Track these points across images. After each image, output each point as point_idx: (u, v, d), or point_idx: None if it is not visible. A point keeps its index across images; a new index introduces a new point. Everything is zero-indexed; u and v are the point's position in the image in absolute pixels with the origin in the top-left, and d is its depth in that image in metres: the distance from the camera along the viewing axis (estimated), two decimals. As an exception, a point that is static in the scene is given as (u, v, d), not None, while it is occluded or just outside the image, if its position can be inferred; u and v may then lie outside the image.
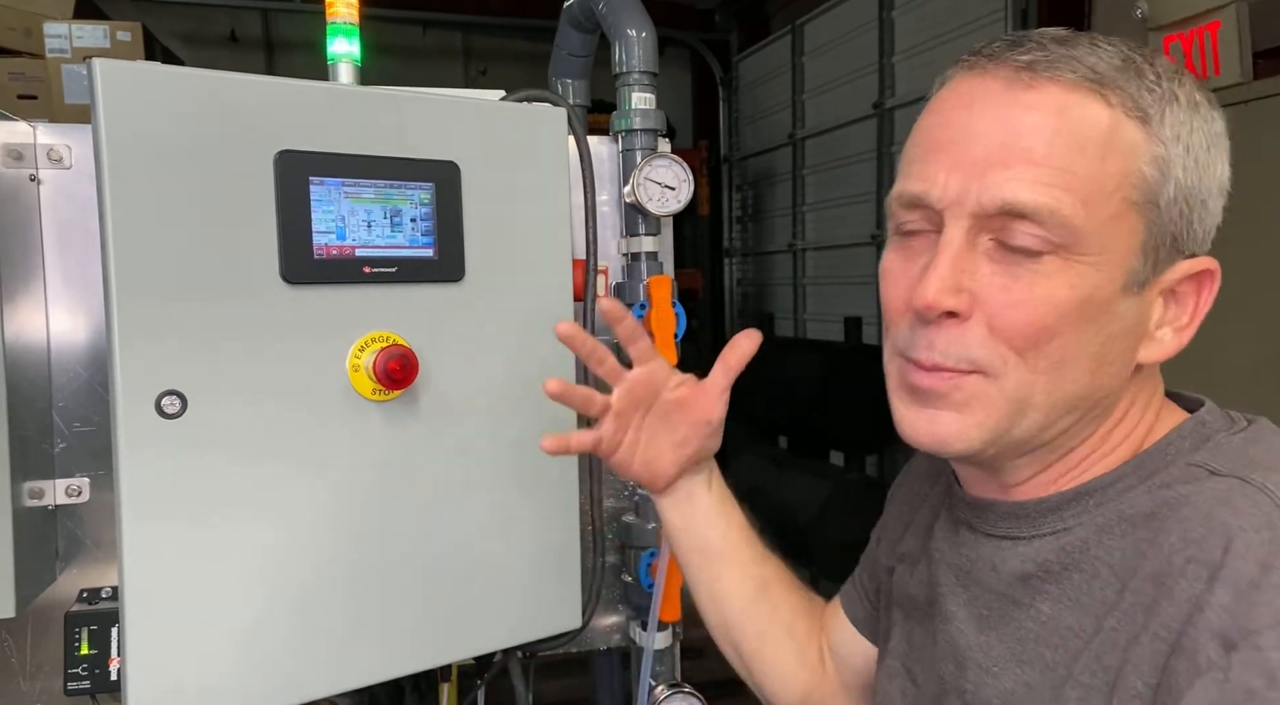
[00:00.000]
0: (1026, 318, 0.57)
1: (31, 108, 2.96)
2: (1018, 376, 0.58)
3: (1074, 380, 0.59)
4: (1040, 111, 0.57)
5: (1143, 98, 0.57)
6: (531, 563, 1.00)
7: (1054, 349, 0.57)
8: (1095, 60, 0.57)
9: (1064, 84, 0.57)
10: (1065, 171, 0.56)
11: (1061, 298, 0.56)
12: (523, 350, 0.98)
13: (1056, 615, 0.59)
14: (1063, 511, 0.62)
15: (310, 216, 0.84)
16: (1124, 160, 0.56)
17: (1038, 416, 0.59)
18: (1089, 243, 0.56)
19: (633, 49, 1.11)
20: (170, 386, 0.78)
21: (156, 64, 0.80)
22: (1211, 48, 2.23)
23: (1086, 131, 0.56)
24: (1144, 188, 0.56)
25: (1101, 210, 0.56)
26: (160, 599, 0.79)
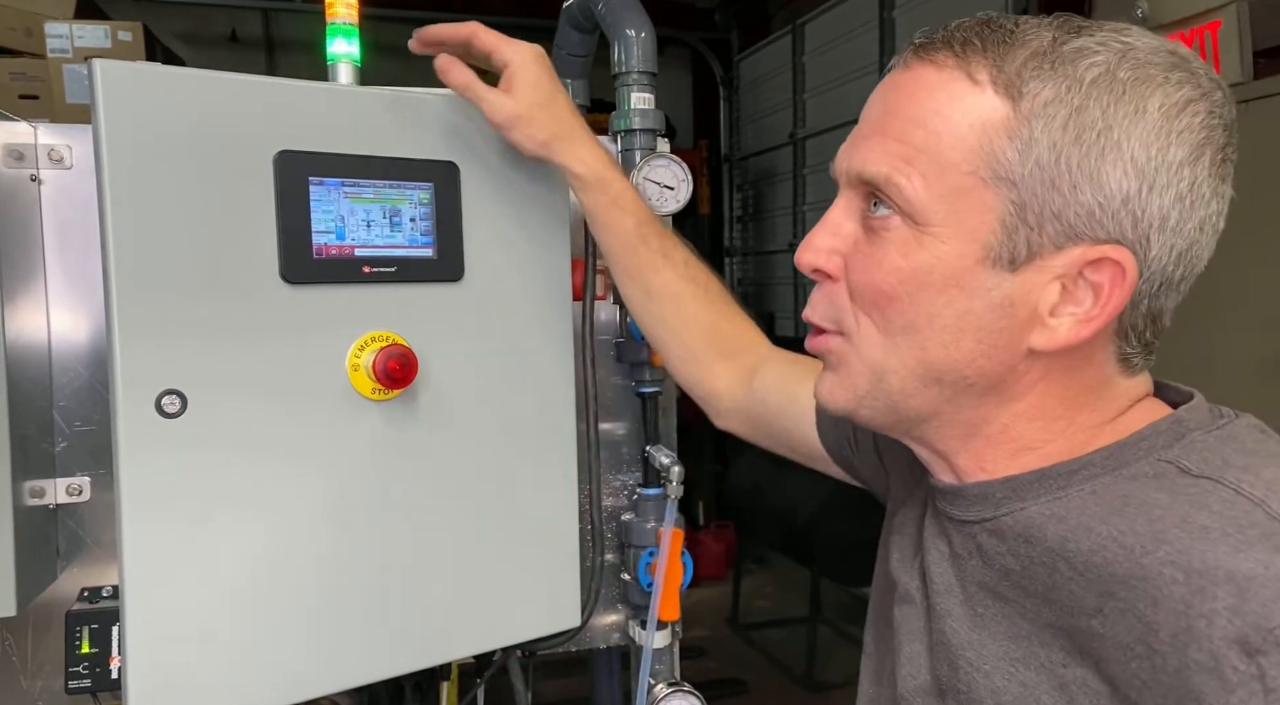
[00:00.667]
0: (868, 279, 0.61)
1: (32, 108, 2.97)
2: (869, 339, 0.62)
3: (926, 348, 0.60)
4: (904, 91, 0.60)
5: (1024, 75, 0.56)
6: (531, 561, 1.00)
7: (896, 313, 0.60)
8: (989, 39, 0.58)
9: (934, 63, 0.59)
10: (908, 144, 0.59)
11: (897, 264, 0.59)
12: (521, 349, 0.98)
13: (1038, 611, 0.59)
14: (1025, 492, 0.62)
15: (310, 216, 0.84)
16: (976, 136, 0.57)
17: (895, 382, 0.62)
18: (930, 214, 0.58)
19: (632, 49, 1.11)
20: (170, 386, 0.79)
21: (157, 65, 0.80)
22: (1212, 47, 2.23)
23: (936, 107, 0.58)
24: (996, 165, 0.56)
25: (943, 183, 0.58)
26: (161, 597, 0.80)
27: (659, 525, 1.15)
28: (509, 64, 0.92)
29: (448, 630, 0.95)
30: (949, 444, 0.66)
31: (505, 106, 0.90)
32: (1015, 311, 0.58)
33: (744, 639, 4.07)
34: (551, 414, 1.01)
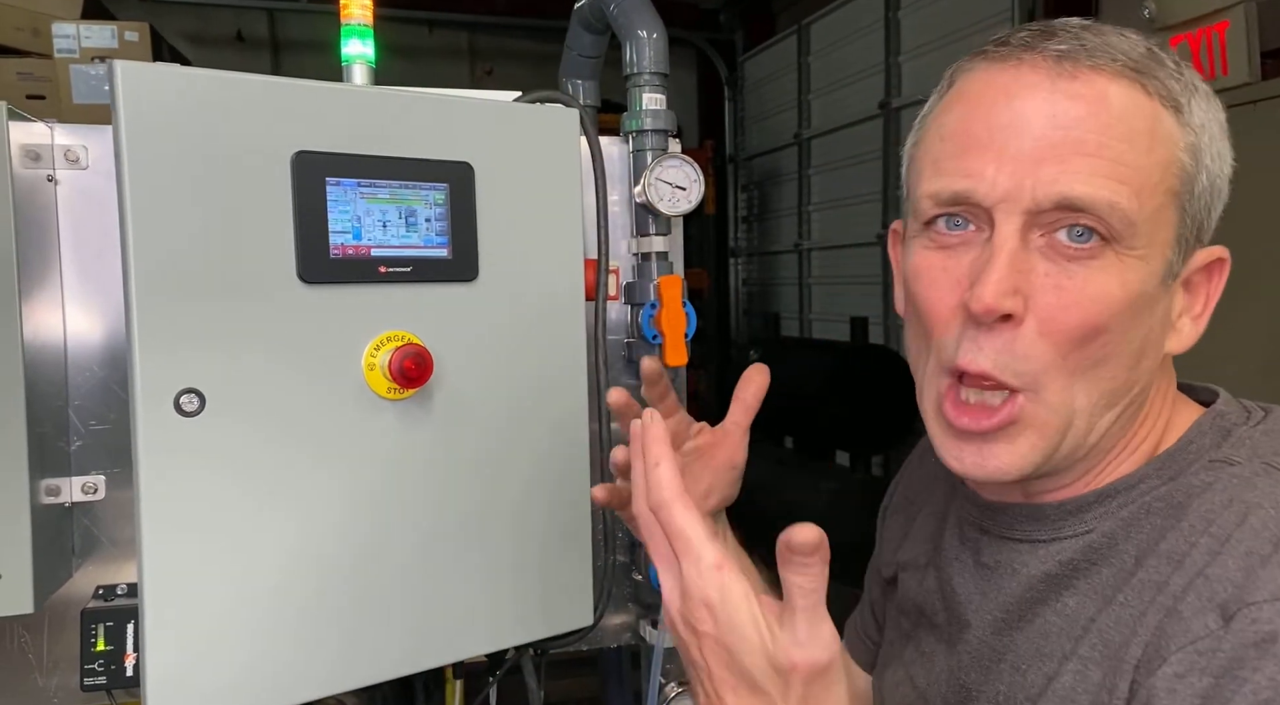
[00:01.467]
0: (1079, 318, 0.55)
1: (40, 107, 2.97)
2: (1059, 383, 0.56)
3: (1112, 377, 0.57)
4: (1087, 102, 0.55)
5: (1171, 86, 0.56)
6: (544, 560, 1.01)
7: (1099, 347, 0.56)
8: (1129, 49, 0.56)
9: (1107, 74, 0.55)
10: (1118, 163, 0.54)
11: (1116, 295, 0.55)
12: (535, 349, 0.99)
13: (1079, 608, 0.59)
14: (1084, 513, 0.61)
15: (326, 217, 0.85)
16: (1166, 150, 0.56)
17: (1082, 422, 0.58)
18: (1139, 235, 0.55)
19: (644, 50, 1.12)
20: (188, 385, 0.79)
21: (176, 66, 0.80)
22: (1219, 48, 2.23)
23: (1133, 122, 0.55)
24: (1183, 177, 0.56)
25: (1150, 201, 0.55)
26: (178, 595, 0.80)
27: (670, 525, 1.15)
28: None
29: (461, 629, 0.96)
30: (1074, 472, 0.62)
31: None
32: (1167, 321, 0.60)
33: (748, 639, 4.07)
34: (564, 413, 1.01)
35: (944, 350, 0.59)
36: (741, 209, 5.79)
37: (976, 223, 0.58)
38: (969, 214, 0.59)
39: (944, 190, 0.59)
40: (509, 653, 1.12)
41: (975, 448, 0.59)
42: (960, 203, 0.58)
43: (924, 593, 0.72)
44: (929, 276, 0.60)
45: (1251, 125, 2.04)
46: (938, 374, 0.61)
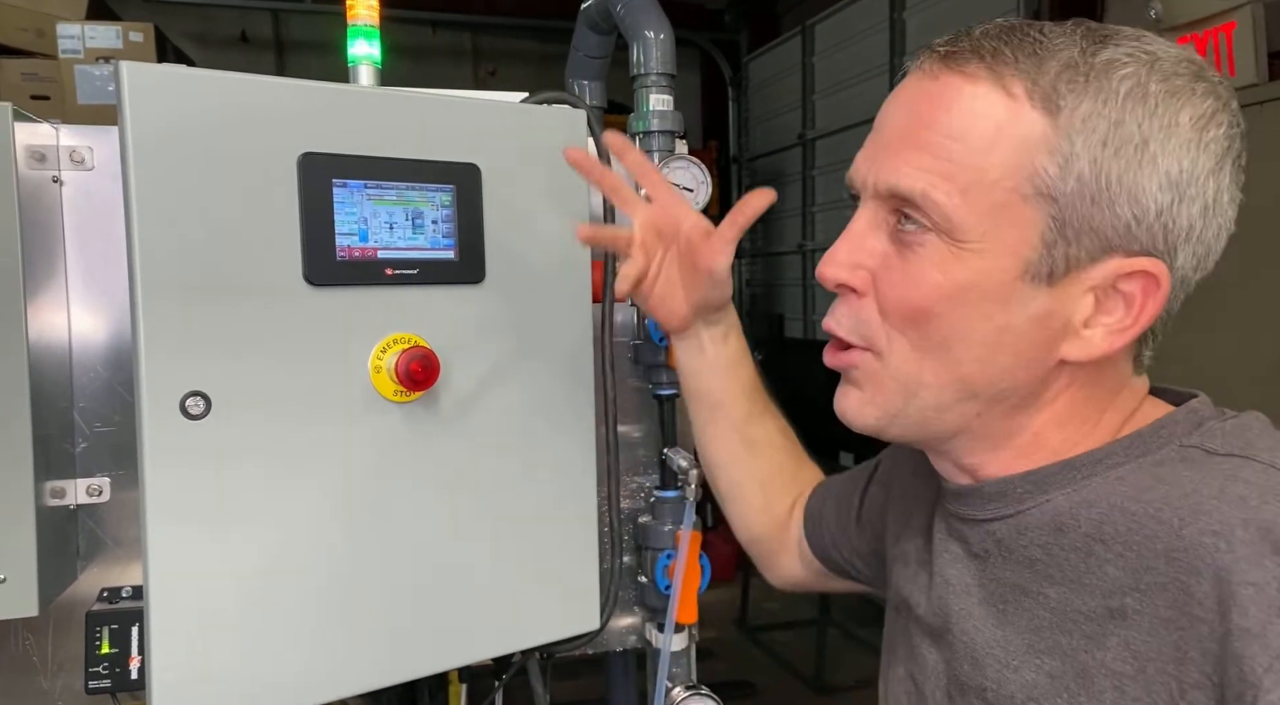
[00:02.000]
0: (903, 296, 0.60)
1: (44, 108, 2.98)
2: (901, 355, 0.61)
3: (963, 364, 0.59)
4: (935, 101, 0.59)
5: (1059, 88, 0.55)
6: (550, 563, 1.00)
7: (934, 330, 0.59)
8: (1019, 49, 0.57)
9: (966, 75, 0.58)
10: (945, 160, 0.57)
11: (936, 280, 0.58)
12: (542, 351, 0.98)
13: (1064, 599, 0.59)
14: (1047, 483, 0.62)
15: (333, 218, 0.84)
16: (1011, 151, 0.56)
17: (929, 398, 0.61)
18: (969, 230, 0.57)
19: (651, 50, 1.11)
20: (194, 387, 0.79)
21: (182, 67, 0.80)
22: (1227, 48, 2.23)
23: (974, 121, 0.57)
24: (1035, 180, 0.56)
25: (983, 199, 0.57)
26: (184, 598, 0.80)
27: (676, 527, 1.15)
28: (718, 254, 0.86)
29: (468, 632, 0.95)
30: (977, 456, 0.65)
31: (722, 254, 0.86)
32: (1050, 323, 0.58)
33: (753, 641, 4.07)
34: (570, 416, 1.01)
35: None
36: (745, 210, 5.78)
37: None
38: (857, 201, 0.65)
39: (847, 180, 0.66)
40: (515, 656, 1.12)
41: (842, 390, 0.67)
42: (849, 190, 0.66)
43: (918, 591, 0.73)
44: None
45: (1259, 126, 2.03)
46: None
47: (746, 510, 1.01)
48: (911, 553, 0.75)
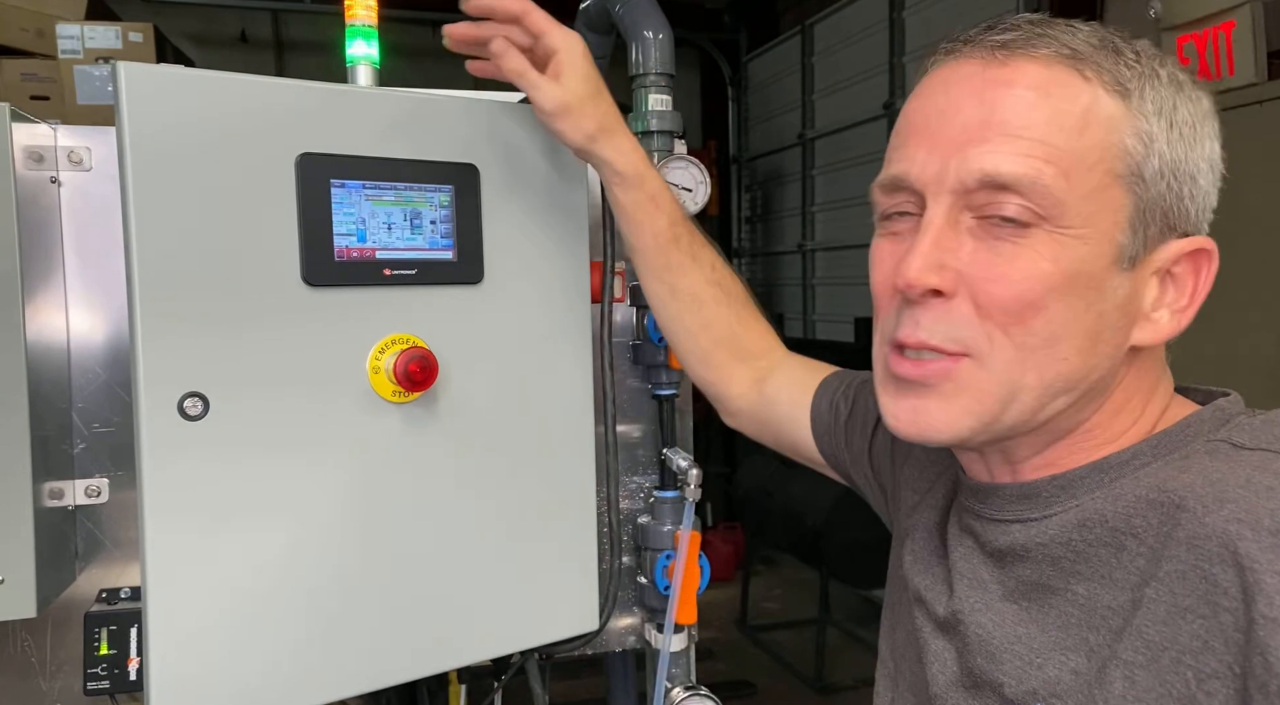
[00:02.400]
0: (1011, 293, 0.57)
1: (43, 108, 2.97)
2: (1005, 357, 0.58)
3: (1065, 358, 0.58)
4: (1015, 87, 0.57)
5: (1121, 73, 0.57)
6: (549, 564, 1.00)
7: (1041, 325, 0.57)
8: (1070, 38, 0.58)
9: (1039, 60, 0.58)
10: (1043, 143, 0.56)
11: (1046, 270, 0.56)
12: (540, 351, 0.98)
13: (1093, 595, 0.58)
14: (1075, 488, 0.61)
15: (331, 219, 0.84)
16: (1104, 133, 0.56)
17: (1029, 400, 0.59)
18: (1072, 214, 0.56)
19: (650, 50, 1.11)
20: (192, 388, 0.79)
21: (179, 67, 0.80)
22: (1226, 48, 2.22)
23: (1063, 105, 0.57)
24: (1127, 160, 0.57)
25: (1084, 182, 0.56)
26: (182, 599, 0.80)
27: (676, 528, 1.15)
28: (559, 52, 0.88)
29: (467, 633, 0.95)
30: (1029, 448, 0.63)
31: (556, 95, 0.87)
32: (1130, 309, 0.59)
33: (753, 641, 4.07)
34: (569, 416, 1.01)
35: (886, 327, 0.63)
36: (745, 210, 5.79)
37: (916, 208, 0.61)
38: (909, 201, 0.62)
39: (885, 176, 0.63)
40: (514, 657, 1.12)
41: (911, 404, 0.62)
42: (898, 188, 0.62)
43: (929, 582, 0.71)
44: (877, 262, 0.65)
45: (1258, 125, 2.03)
46: (882, 346, 0.65)
47: (683, 353, 1.01)
48: (922, 540, 0.74)
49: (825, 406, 0.91)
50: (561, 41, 0.88)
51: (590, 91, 0.89)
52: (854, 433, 0.88)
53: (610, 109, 0.91)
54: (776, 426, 0.97)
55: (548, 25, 0.88)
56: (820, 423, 0.91)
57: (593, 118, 0.89)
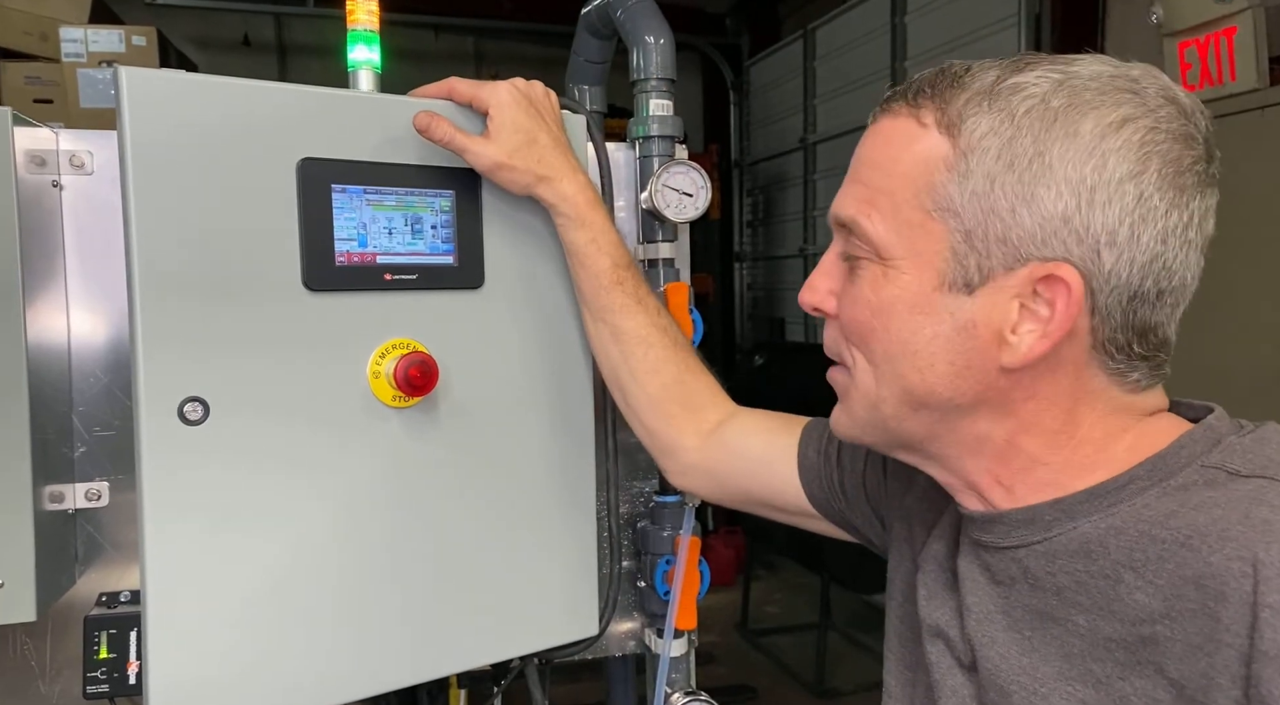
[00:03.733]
0: (850, 315, 0.67)
1: (47, 111, 2.98)
2: (862, 370, 0.67)
3: (906, 375, 0.64)
4: (868, 141, 0.67)
5: (964, 113, 0.60)
6: (549, 569, 1.00)
7: (876, 344, 0.65)
8: (943, 84, 0.62)
9: (891, 114, 0.65)
10: (869, 187, 0.64)
11: (869, 297, 0.64)
12: (541, 357, 0.98)
13: (1094, 626, 0.59)
14: (1076, 512, 0.62)
15: (332, 224, 0.84)
16: (920, 172, 0.62)
17: (888, 409, 0.66)
18: (893, 249, 0.63)
19: (651, 55, 1.11)
20: (193, 393, 0.79)
21: (181, 72, 0.80)
22: (1228, 53, 2.22)
23: (888, 149, 0.64)
24: (936, 195, 0.61)
25: (900, 218, 0.63)
26: (182, 603, 0.80)
27: (676, 533, 1.15)
28: (488, 110, 0.92)
29: (467, 638, 0.95)
30: (961, 463, 0.67)
31: (486, 154, 0.90)
32: (979, 332, 0.61)
33: (753, 645, 4.06)
34: (570, 420, 1.01)
35: None
36: (746, 214, 5.78)
37: None
38: None
39: None
40: (514, 662, 1.12)
41: (835, 407, 0.73)
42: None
43: (944, 616, 0.72)
44: None
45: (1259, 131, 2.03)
46: None
47: (630, 402, 0.99)
48: (933, 573, 0.75)
49: (813, 453, 0.91)
50: (490, 99, 0.92)
51: (520, 143, 0.91)
52: (845, 474, 0.89)
53: (549, 154, 0.93)
54: (744, 480, 0.96)
55: (473, 91, 0.93)
56: (809, 470, 0.91)
57: (526, 170, 0.92)
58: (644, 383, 0.97)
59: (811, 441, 0.92)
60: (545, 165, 0.92)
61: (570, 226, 0.94)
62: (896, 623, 0.79)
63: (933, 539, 0.76)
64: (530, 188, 0.92)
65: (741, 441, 0.95)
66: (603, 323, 0.96)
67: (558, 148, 0.94)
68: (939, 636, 0.72)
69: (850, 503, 0.89)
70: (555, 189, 0.92)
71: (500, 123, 0.91)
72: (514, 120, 0.91)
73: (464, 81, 0.93)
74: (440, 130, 0.89)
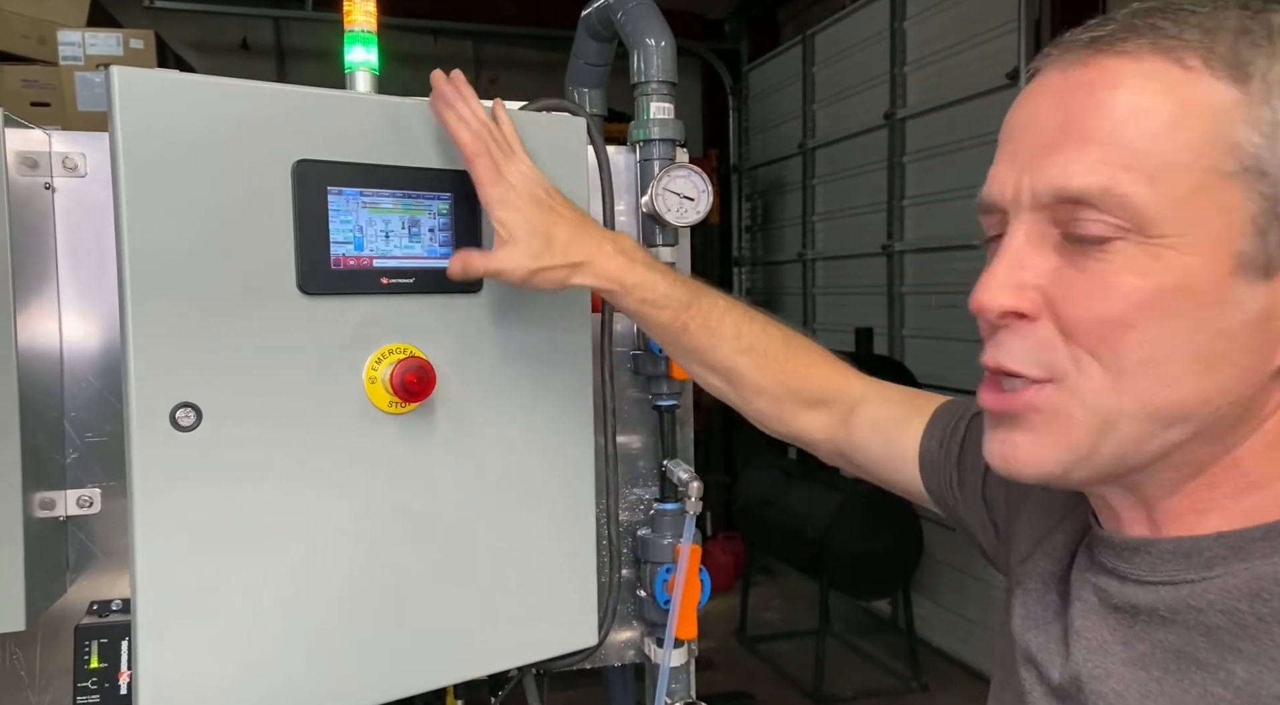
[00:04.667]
0: (1094, 313, 0.52)
1: (45, 115, 2.97)
2: (1096, 382, 0.52)
3: (1172, 384, 0.51)
4: (1094, 88, 0.52)
5: (1241, 54, 0.50)
6: (548, 578, 0.99)
7: (1133, 347, 0.51)
8: (1180, 23, 0.51)
9: (1126, 54, 0.52)
10: (1122, 147, 0.51)
11: (1131, 287, 0.50)
12: (540, 362, 0.97)
13: (1256, 679, 0.50)
14: (1249, 551, 0.52)
15: (328, 226, 0.83)
16: (1205, 126, 0.50)
17: (1131, 429, 0.52)
18: (1164, 222, 0.50)
19: (651, 58, 1.10)
20: (184, 399, 0.77)
21: (174, 72, 0.79)
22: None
23: (1148, 101, 0.51)
24: (1239, 154, 0.49)
25: (1177, 185, 0.50)
26: (172, 615, 0.78)
27: (676, 541, 1.14)
28: (496, 219, 0.86)
29: (463, 648, 0.94)
30: (1162, 488, 0.56)
31: (518, 268, 0.85)
32: (1271, 325, 0.51)
33: (752, 651, 4.05)
34: (569, 427, 1.00)
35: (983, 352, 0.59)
36: (746, 219, 5.78)
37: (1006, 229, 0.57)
38: (1001, 223, 0.57)
39: (979, 199, 0.59)
40: (511, 672, 1.10)
41: (1000, 437, 0.57)
42: (989, 211, 0.58)
43: (1044, 643, 0.63)
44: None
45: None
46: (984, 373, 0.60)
47: (755, 419, 0.97)
48: (1036, 593, 0.65)
49: (935, 446, 0.84)
50: (494, 205, 0.86)
51: (540, 245, 0.86)
52: (966, 471, 0.81)
53: (571, 241, 0.88)
54: (874, 467, 0.91)
55: (481, 180, 0.87)
56: (930, 463, 0.84)
57: (559, 269, 0.87)
58: (752, 401, 0.95)
59: (935, 433, 0.84)
60: (573, 251, 0.88)
61: (618, 298, 0.90)
62: (998, 642, 0.71)
63: (1040, 554, 0.67)
64: (566, 281, 0.88)
65: (866, 433, 0.90)
66: (691, 362, 0.95)
67: (579, 228, 0.89)
68: (1031, 662, 0.63)
69: (967, 504, 0.81)
70: (592, 272, 0.88)
71: (515, 230, 0.86)
72: (528, 221, 0.86)
73: (481, 158, 0.87)
74: (474, 264, 0.87)
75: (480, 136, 0.87)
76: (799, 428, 0.94)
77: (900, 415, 0.88)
